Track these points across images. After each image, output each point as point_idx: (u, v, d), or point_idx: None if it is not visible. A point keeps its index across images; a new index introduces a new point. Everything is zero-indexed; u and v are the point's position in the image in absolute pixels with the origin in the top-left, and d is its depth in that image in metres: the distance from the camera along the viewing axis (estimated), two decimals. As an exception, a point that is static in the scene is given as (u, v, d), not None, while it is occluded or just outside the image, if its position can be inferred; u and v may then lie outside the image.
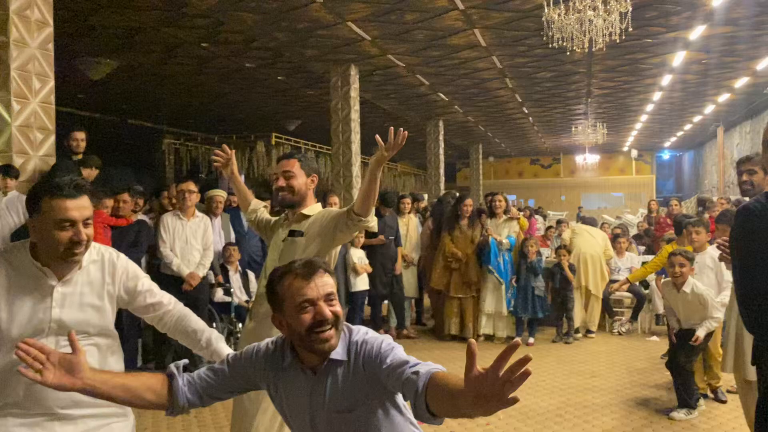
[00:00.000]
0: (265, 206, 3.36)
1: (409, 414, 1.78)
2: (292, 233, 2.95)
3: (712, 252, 4.63)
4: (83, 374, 1.71)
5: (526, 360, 1.30)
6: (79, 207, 1.96)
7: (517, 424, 4.58)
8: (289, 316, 1.75)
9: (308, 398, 1.79)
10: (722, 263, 4.39)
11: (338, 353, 1.76)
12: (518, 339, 1.37)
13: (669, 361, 4.89)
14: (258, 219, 3.27)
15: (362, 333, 1.81)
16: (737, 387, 3.99)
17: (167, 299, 2.30)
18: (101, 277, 2.13)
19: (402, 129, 2.59)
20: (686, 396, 4.57)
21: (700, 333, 4.44)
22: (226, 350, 2.27)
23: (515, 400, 1.35)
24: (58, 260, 1.99)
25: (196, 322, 2.31)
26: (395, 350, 1.72)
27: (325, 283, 1.76)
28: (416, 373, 1.61)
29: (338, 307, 1.77)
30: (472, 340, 1.39)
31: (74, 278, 2.06)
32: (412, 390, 1.59)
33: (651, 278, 7.19)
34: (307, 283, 1.74)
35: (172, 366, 1.86)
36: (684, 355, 4.57)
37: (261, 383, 1.90)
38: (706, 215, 7.46)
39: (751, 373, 3.37)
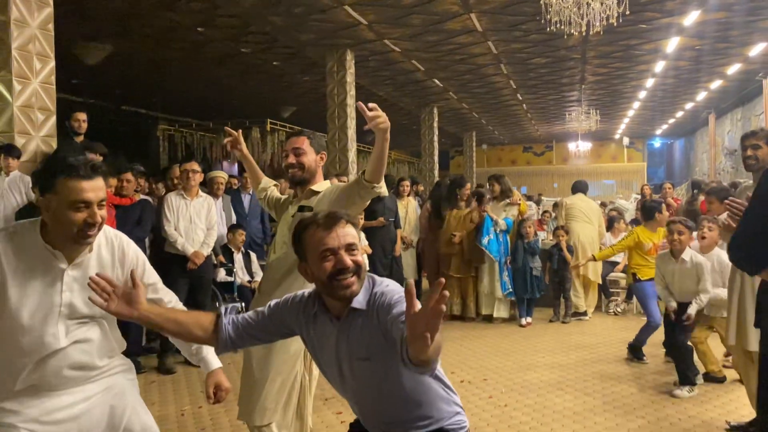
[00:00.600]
0: (276, 185, 3.41)
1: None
2: (302, 209, 2.99)
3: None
4: (140, 306, 1.92)
5: (442, 297, 1.37)
6: (95, 188, 1.94)
7: (518, 396, 4.67)
8: (312, 265, 1.85)
9: (335, 345, 1.87)
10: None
11: (359, 302, 1.83)
12: (442, 279, 1.42)
13: (666, 340, 4.96)
14: (269, 197, 3.33)
15: (384, 285, 1.87)
16: (738, 361, 4.07)
17: (168, 297, 2.29)
18: (111, 262, 2.13)
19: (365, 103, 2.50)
20: (688, 373, 4.63)
21: (692, 311, 4.49)
22: (216, 362, 2.32)
23: (431, 342, 1.41)
24: (69, 242, 1.97)
25: None
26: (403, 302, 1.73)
27: (347, 233, 1.84)
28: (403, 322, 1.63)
29: (359, 257, 1.84)
30: (441, 280, 1.41)
31: (84, 261, 2.05)
32: (399, 338, 1.65)
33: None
34: (328, 233, 1.82)
35: (221, 308, 2.02)
36: (681, 333, 4.64)
37: (295, 328, 2.01)
38: (701, 198, 7.56)
39: (753, 343, 3.46)
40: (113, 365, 2.19)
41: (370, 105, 2.48)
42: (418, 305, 1.42)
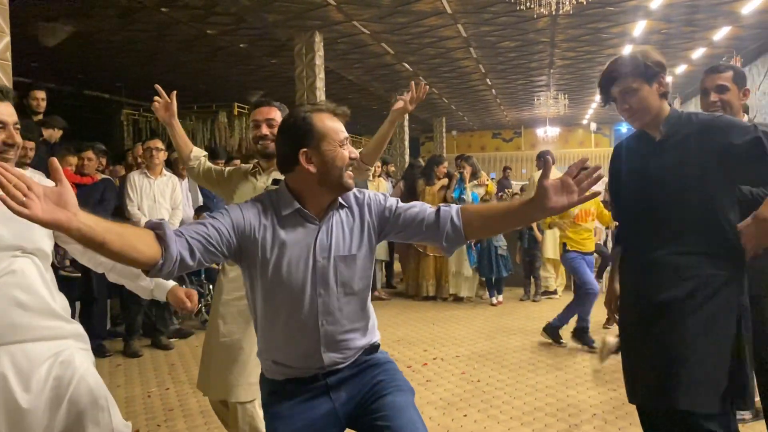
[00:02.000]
0: (206, 156, 3.15)
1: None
2: (276, 182, 2.88)
3: None
4: (77, 209, 1.40)
5: (596, 168, 1.72)
6: (9, 112, 1.96)
7: (491, 372, 4.67)
8: (327, 151, 1.80)
9: (312, 244, 1.82)
10: None
11: (347, 197, 1.91)
12: (586, 158, 1.74)
13: None
14: (204, 169, 3.04)
15: (359, 189, 1.97)
16: None
17: None
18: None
19: (423, 82, 2.70)
20: None
21: None
22: (169, 282, 2.26)
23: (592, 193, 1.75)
24: None
25: None
26: (404, 205, 1.95)
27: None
28: (438, 210, 1.90)
29: None
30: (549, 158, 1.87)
31: None
32: (445, 220, 1.85)
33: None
34: (341, 124, 1.86)
35: (152, 221, 1.65)
36: None
37: (249, 235, 1.79)
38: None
39: None
40: (62, 330, 2.06)
41: (423, 87, 2.69)
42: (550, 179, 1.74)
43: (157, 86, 2.92)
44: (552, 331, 5.43)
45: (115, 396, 4.29)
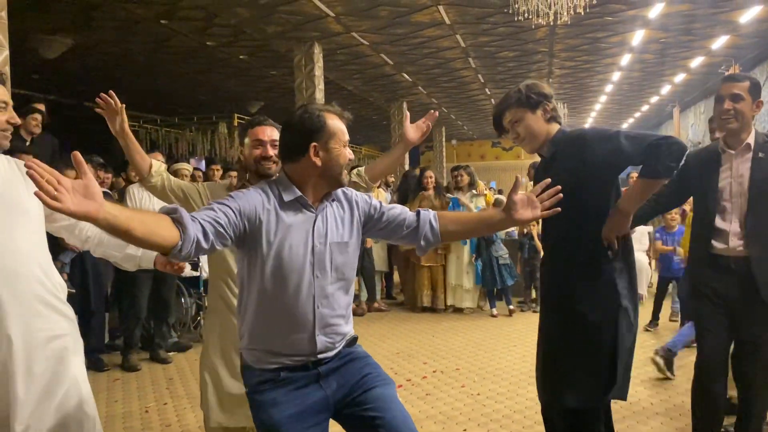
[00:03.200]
0: (166, 169, 2.92)
1: None
2: None
3: None
4: (102, 199, 1.47)
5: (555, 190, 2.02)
6: (8, 95, 2.09)
7: (491, 385, 4.64)
8: (333, 149, 1.97)
9: (311, 230, 1.97)
10: None
11: (339, 191, 2.09)
12: (522, 179, 2.00)
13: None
14: (170, 186, 2.79)
15: (346, 188, 2.14)
16: None
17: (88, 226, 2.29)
18: (21, 174, 2.09)
19: (433, 110, 2.83)
20: None
21: None
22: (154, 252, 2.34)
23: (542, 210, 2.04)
24: None
25: None
26: (387, 206, 2.19)
27: None
28: (418, 213, 2.16)
29: None
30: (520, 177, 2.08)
31: None
32: (424, 222, 2.12)
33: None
34: (345, 127, 2.03)
35: (166, 206, 1.73)
36: None
37: (255, 219, 1.91)
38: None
39: None
40: (61, 323, 2.14)
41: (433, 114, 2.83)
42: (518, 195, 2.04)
43: (111, 92, 2.65)
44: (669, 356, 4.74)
45: (113, 411, 4.28)
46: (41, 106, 5.44)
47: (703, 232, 2.94)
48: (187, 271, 6.09)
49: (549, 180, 2.04)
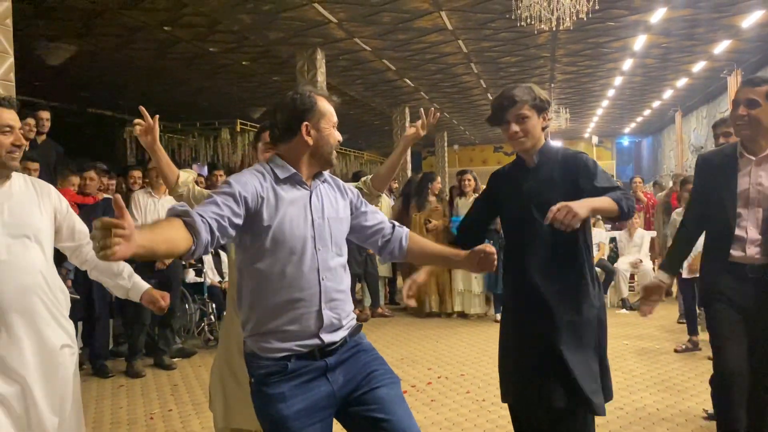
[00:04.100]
0: (194, 179, 3.02)
1: None
2: None
3: None
4: (135, 237, 1.49)
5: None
6: (15, 118, 2.19)
7: (496, 391, 4.61)
8: (323, 129, 2.05)
9: (308, 204, 2.02)
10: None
11: (324, 176, 2.15)
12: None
13: None
14: (195, 194, 2.91)
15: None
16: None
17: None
18: (35, 193, 2.27)
19: (434, 108, 2.90)
20: None
21: None
22: (144, 284, 2.49)
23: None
24: None
25: None
26: (372, 207, 2.28)
27: None
28: (394, 226, 2.27)
29: None
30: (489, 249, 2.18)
31: (5, 189, 2.19)
32: (396, 239, 2.25)
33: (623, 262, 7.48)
34: (333, 110, 2.11)
35: (177, 208, 1.74)
36: None
37: (258, 199, 1.94)
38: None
39: None
40: (63, 334, 2.25)
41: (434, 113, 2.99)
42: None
43: (142, 108, 2.77)
44: None
45: (118, 418, 4.28)
46: (46, 114, 5.44)
47: (720, 239, 2.83)
48: (191, 276, 6.11)
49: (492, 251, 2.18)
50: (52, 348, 2.18)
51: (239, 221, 1.89)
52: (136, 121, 2.74)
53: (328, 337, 1.98)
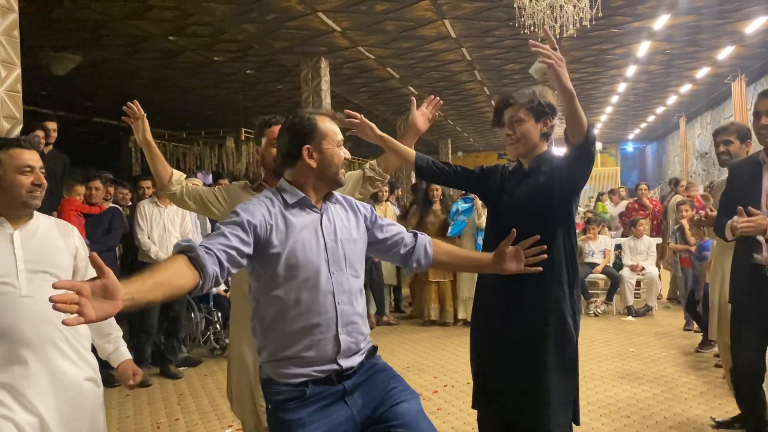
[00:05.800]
0: (186, 177, 2.99)
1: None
2: None
3: None
4: (120, 293, 1.47)
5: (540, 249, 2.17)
6: (36, 158, 2.19)
7: (502, 399, 4.61)
8: (327, 149, 2.03)
9: (319, 228, 2.01)
10: None
11: (335, 196, 2.14)
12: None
13: None
14: (190, 191, 2.86)
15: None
16: (722, 357, 4.08)
17: None
18: (58, 233, 2.30)
19: (433, 96, 2.88)
20: None
21: None
22: (126, 354, 2.45)
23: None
24: (16, 207, 2.15)
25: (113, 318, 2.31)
26: (386, 219, 2.26)
27: None
28: (415, 234, 2.25)
29: None
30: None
31: (29, 228, 2.21)
32: (420, 247, 2.22)
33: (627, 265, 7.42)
34: (338, 127, 2.09)
35: (182, 244, 1.72)
36: None
37: (265, 225, 1.92)
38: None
39: None
40: (85, 367, 2.23)
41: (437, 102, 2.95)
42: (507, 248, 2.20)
43: (134, 102, 2.84)
44: None
45: (125, 427, 4.28)
46: (53, 124, 5.46)
47: (745, 241, 2.97)
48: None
49: (538, 236, 2.15)
50: (72, 382, 2.15)
51: (249, 250, 1.86)
52: (128, 104, 2.83)
53: (345, 363, 1.97)
